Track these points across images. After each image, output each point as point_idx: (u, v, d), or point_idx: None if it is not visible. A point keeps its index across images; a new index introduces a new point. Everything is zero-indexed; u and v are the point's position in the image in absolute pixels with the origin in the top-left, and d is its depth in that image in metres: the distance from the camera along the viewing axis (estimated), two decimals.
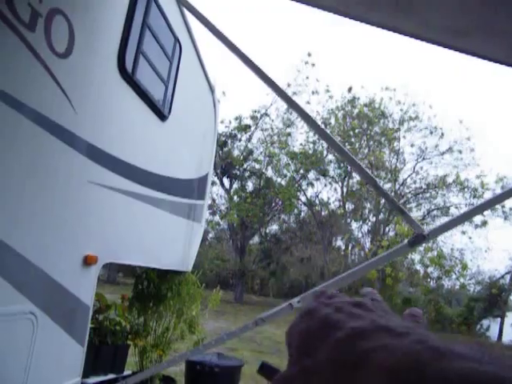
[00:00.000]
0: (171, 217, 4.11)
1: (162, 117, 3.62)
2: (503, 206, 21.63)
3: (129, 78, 2.85)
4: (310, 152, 21.08)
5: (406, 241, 1.71)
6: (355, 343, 0.34)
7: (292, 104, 2.11)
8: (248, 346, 10.07)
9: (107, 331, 4.31)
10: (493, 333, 21.72)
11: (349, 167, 20.62)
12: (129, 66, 2.81)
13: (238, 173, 23.12)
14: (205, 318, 6.10)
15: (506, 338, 20.82)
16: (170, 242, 4.35)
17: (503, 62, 1.75)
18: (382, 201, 20.65)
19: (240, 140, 23.01)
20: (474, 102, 32.56)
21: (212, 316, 12.44)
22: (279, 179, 23.23)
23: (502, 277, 23.15)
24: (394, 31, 1.71)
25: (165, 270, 4.72)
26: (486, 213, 21.69)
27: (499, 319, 21.88)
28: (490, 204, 2.04)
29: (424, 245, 21.10)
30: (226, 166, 22.15)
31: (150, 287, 5.03)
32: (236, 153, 23.06)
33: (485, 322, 22.60)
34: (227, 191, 23.30)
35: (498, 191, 21.32)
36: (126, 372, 4.43)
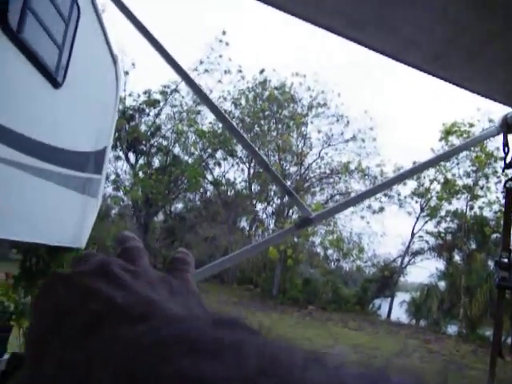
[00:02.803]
0: (62, 190, 3.85)
1: (55, 83, 3.35)
2: (399, 194, 23.08)
3: (12, 35, 2.58)
4: (219, 131, 20.98)
5: (293, 223, 1.74)
6: (84, 338, 0.27)
7: (189, 81, 2.03)
8: None
9: None
10: (383, 311, 23.21)
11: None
12: (13, 21, 2.54)
13: (145, 148, 22.46)
14: None
15: (393, 316, 22.38)
16: (60, 216, 4.09)
17: (393, 56, 1.78)
18: (288, 183, 21.15)
19: (148, 115, 22.32)
20: (379, 94, 34.18)
21: None
22: (186, 157, 22.99)
23: (394, 260, 24.78)
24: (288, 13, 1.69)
25: (55, 246, 4.45)
26: (383, 199, 23.08)
27: (389, 299, 23.40)
28: (370, 193, 2.11)
29: (326, 228, 22.02)
30: (132, 141, 21.39)
31: (39, 264, 4.75)
32: (143, 128, 22.33)
33: (377, 302, 24.09)
34: (132, 167, 22.57)
35: None
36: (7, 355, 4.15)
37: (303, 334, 12.27)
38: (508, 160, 1.89)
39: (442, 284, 22.36)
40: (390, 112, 30.69)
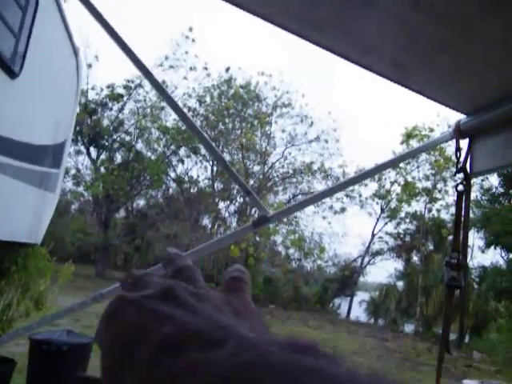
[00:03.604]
0: (16, 184, 3.74)
1: (12, 73, 3.26)
2: (360, 195, 23.47)
3: None
4: (183, 128, 20.80)
5: (250, 222, 1.74)
6: (163, 362, 0.27)
7: (149, 76, 2.00)
8: None
9: None
10: (343, 310, 23.57)
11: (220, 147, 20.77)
12: None
13: (107, 143, 22.05)
14: (56, 294, 5.75)
15: (353, 315, 22.75)
16: (15, 210, 3.97)
17: (352, 60, 1.81)
18: (251, 182, 21.18)
19: (111, 109, 21.91)
20: (342, 95, 34.66)
21: (70, 292, 11.86)
22: (149, 153, 22.72)
23: (355, 260, 25.21)
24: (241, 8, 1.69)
25: (9, 241, 4.32)
26: (344, 200, 23.43)
27: (349, 298, 23.79)
28: (328, 193, 2.14)
29: (287, 227, 22.17)
30: (94, 136, 20.94)
31: None
32: (106, 122, 21.92)
33: (337, 301, 24.49)
34: (93, 162, 22.11)
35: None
36: None
37: None
38: (459, 165, 1.94)
39: (400, 284, 22.90)
40: (353, 114, 31.19)
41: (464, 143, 2.00)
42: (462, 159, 1.93)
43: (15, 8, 3.14)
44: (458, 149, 1.96)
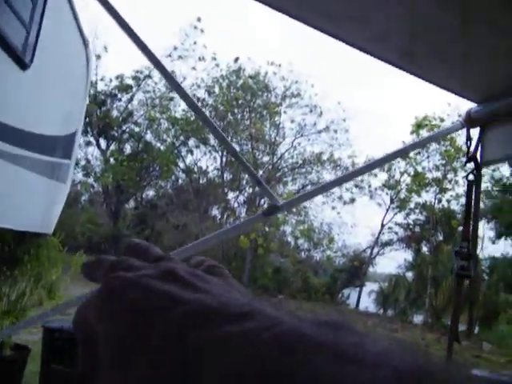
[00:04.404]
0: (29, 174, 3.78)
1: (23, 64, 3.28)
2: (369, 186, 23.37)
3: None
4: (192, 119, 20.81)
5: (260, 211, 1.76)
6: (191, 336, 0.26)
7: (159, 67, 2.01)
8: None
9: None
10: (352, 301, 23.59)
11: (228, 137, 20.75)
12: None
13: (116, 134, 22.10)
14: (67, 283, 5.82)
15: (362, 306, 22.76)
16: (27, 201, 4.02)
17: (363, 49, 1.81)
18: (260, 173, 21.19)
19: (120, 100, 21.93)
20: (353, 86, 34.40)
21: (81, 281, 11.98)
22: (158, 144, 22.76)
23: (364, 250, 25.16)
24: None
25: (22, 231, 4.37)
26: (354, 191, 23.36)
27: (358, 289, 23.79)
28: (337, 182, 2.15)
29: (297, 218, 22.17)
30: (103, 127, 21.01)
31: (4, 250, 4.66)
32: (115, 113, 21.95)
33: (346, 291, 24.46)
34: (103, 152, 22.20)
35: (367, 172, 22.93)
36: None
37: None
38: (470, 154, 1.94)
39: (409, 275, 22.86)
40: (363, 104, 31.00)
41: (475, 132, 2.00)
42: (472, 148, 1.93)
43: (26, 1, 3.16)
44: (469, 138, 1.95)
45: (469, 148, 1.95)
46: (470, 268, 1.73)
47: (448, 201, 21.49)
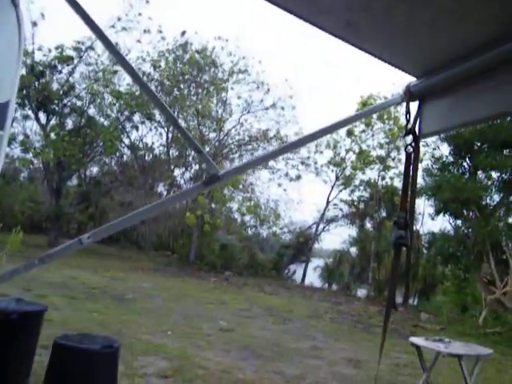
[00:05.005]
0: None
1: None
2: (315, 163, 23.70)
3: None
4: (137, 93, 20.24)
5: (201, 181, 1.73)
6: None
7: (102, 38, 1.91)
8: (59, 292, 9.58)
9: None
10: (298, 277, 24.06)
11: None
12: None
13: (57, 108, 21.01)
14: (4, 262, 5.59)
15: (307, 281, 23.28)
16: None
17: (308, 20, 1.78)
18: (207, 149, 21.00)
19: (60, 72, 20.76)
20: (299, 64, 34.51)
21: (20, 261, 11.59)
22: (102, 119, 22.02)
23: (310, 227, 25.65)
24: None
25: None
26: (300, 168, 23.63)
27: (304, 265, 24.27)
28: (277, 153, 2.15)
29: (243, 194, 22.23)
30: (42, 100, 19.89)
31: None
32: (55, 86, 20.80)
33: (292, 267, 24.93)
34: (43, 127, 21.16)
35: (313, 149, 23.30)
36: None
37: (221, 298, 12.47)
38: (409, 127, 1.97)
39: (353, 250, 23.54)
40: (310, 82, 31.17)
41: (414, 106, 2.03)
42: (411, 122, 1.97)
43: None
44: (408, 111, 1.98)
45: (408, 121, 1.98)
46: (407, 237, 1.77)
47: (391, 178, 22.17)
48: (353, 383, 5.87)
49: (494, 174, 14.62)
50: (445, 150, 15.56)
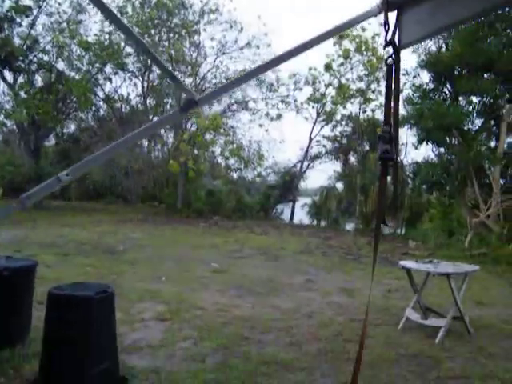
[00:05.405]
0: None
1: None
2: (295, 100, 23.39)
3: None
4: (106, 43, 19.44)
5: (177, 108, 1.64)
6: None
7: None
8: (50, 250, 9.55)
9: None
10: (286, 216, 24.34)
11: (149, 61, 19.64)
12: None
13: (23, 65, 20.08)
14: None
15: (296, 219, 23.58)
16: None
17: None
18: (183, 95, 20.49)
19: (20, 25, 19.50)
20: None
21: (6, 225, 11.47)
22: (73, 73, 21.16)
23: (294, 166, 25.67)
24: None
25: None
26: (280, 106, 23.34)
27: (291, 203, 24.49)
28: (253, 74, 2.05)
29: (225, 138, 21.97)
30: (5, 57, 18.73)
31: None
32: (17, 41, 19.73)
33: (280, 207, 25.16)
34: (11, 86, 20.31)
35: (292, 86, 22.97)
36: None
37: (211, 241, 12.57)
38: (388, 38, 1.88)
39: (340, 186, 23.75)
40: (286, 16, 30.20)
41: (393, 16, 1.93)
42: (390, 32, 1.87)
43: None
44: (386, 22, 1.88)
45: (387, 32, 1.88)
46: (393, 151, 1.71)
47: (372, 110, 22.09)
48: (347, 310, 6.01)
49: (475, 99, 14.58)
50: (425, 77, 15.42)
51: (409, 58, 16.55)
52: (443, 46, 15.23)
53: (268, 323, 5.28)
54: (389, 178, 1.88)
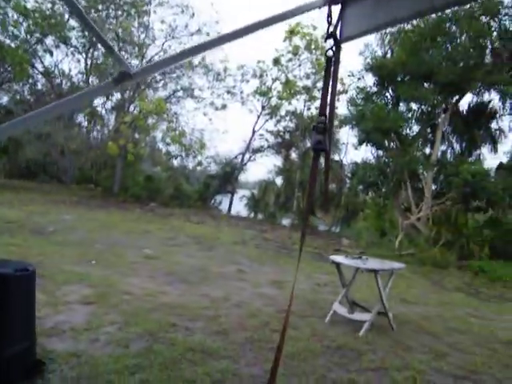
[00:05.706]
0: None
1: None
2: (241, 92, 23.39)
3: None
4: (48, 13, 18.51)
5: (111, 78, 1.57)
6: None
7: None
8: None
9: None
10: (224, 206, 24.33)
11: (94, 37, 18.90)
12: None
13: None
14: None
15: (234, 210, 23.62)
16: None
17: None
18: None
19: None
20: None
21: None
22: (8, 40, 19.97)
23: (236, 157, 25.67)
24: None
25: None
26: (225, 97, 23.25)
27: (230, 194, 24.50)
28: (192, 52, 2.01)
29: (168, 124, 21.61)
30: None
31: None
32: None
33: (218, 197, 25.11)
34: None
35: (239, 78, 22.92)
36: None
37: (146, 227, 12.36)
38: (330, 30, 1.89)
39: (279, 180, 24.02)
40: (237, 6, 29.97)
41: (337, 10, 1.94)
42: (332, 26, 1.88)
43: None
44: (330, 15, 1.89)
45: (330, 24, 1.89)
46: (326, 142, 1.73)
47: (317, 108, 22.36)
48: (276, 302, 6.08)
49: (414, 106, 15.15)
50: (369, 80, 15.83)
51: (355, 61, 16.93)
52: (389, 52, 15.70)
53: (197, 311, 5.25)
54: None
